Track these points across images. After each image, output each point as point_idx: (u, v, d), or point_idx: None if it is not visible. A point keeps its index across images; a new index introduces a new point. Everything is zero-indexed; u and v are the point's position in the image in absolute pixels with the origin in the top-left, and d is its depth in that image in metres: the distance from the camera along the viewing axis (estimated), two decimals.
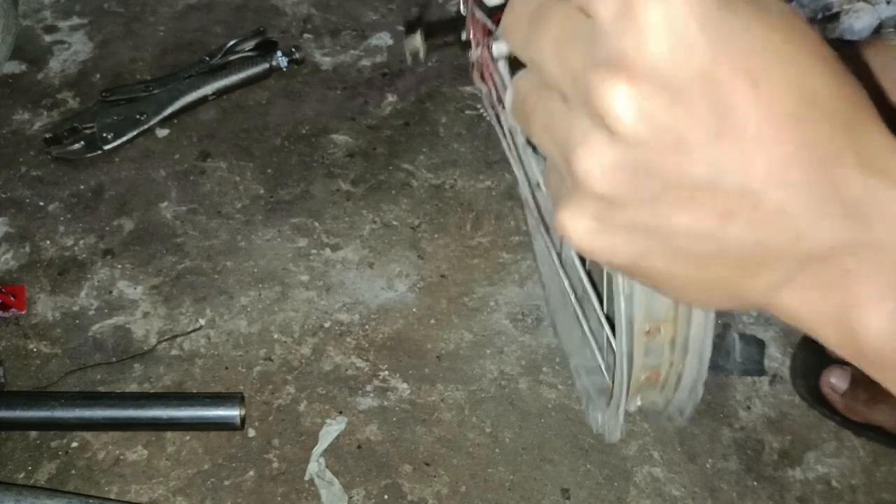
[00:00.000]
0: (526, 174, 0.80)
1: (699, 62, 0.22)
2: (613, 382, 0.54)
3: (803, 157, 0.23)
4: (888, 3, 1.15)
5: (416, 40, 0.76)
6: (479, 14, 0.70)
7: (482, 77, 0.77)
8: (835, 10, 1.16)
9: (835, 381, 0.79)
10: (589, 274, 0.61)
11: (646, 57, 0.22)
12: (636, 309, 0.43)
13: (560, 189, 0.26)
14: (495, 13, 0.71)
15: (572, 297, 0.69)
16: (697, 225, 0.24)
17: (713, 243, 0.25)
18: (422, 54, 0.77)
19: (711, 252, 0.25)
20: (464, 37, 0.75)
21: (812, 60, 0.23)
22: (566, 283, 0.68)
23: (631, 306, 0.43)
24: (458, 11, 0.74)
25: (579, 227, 0.26)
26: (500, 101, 0.78)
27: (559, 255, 0.72)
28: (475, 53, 0.74)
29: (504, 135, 0.78)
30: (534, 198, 0.78)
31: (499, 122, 0.80)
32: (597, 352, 0.66)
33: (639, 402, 0.54)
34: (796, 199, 0.23)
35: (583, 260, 0.63)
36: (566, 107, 0.25)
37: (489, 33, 0.72)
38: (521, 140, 0.81)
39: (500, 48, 0.57)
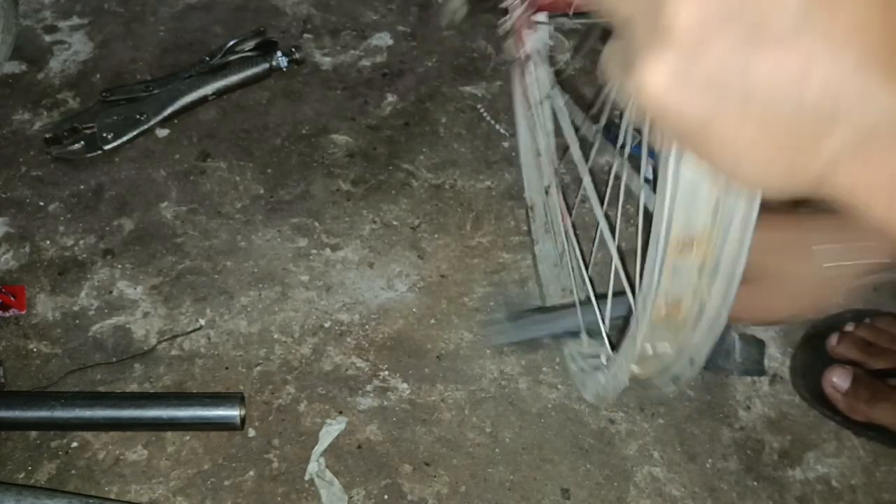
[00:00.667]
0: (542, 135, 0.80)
1: None
2: (631, 315, 0.53)
3: (881, 23, 0.24)
4: None
5: (457, 2, 0.76)
6: None
7: (518, 42, 0.77)
8: None
9: (837, 381, 0.79)
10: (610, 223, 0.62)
11: None
12: (674, 217, 0.41)
13: (634, 53, 0.26)
14: None
15: (581, 266, 0.68)
16: (776, 77, 0.25)
17: (787, 101, 0.25)
18: (460, 16, 0.77)
19: (785, 111, 0.25)
20: (505, 2, 0.75)
21: None
22: (574, 250, 0.67)
23: (670, 215, 0.41)
24: None
25: (659, 79, 0.26)
26: (532, 61, 0.79)
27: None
28: (513, 16, 0.74)
29: (531, 102, 0.78)
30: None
31: (523, 90, 0.80)
32: (600, 320, 0.66)
33: (649, 353, 0.53)
34: (868, 63, 0.24)
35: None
36: None
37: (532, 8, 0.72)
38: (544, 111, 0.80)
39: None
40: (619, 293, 0.63)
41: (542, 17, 0.77)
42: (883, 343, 0.82)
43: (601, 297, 0.69)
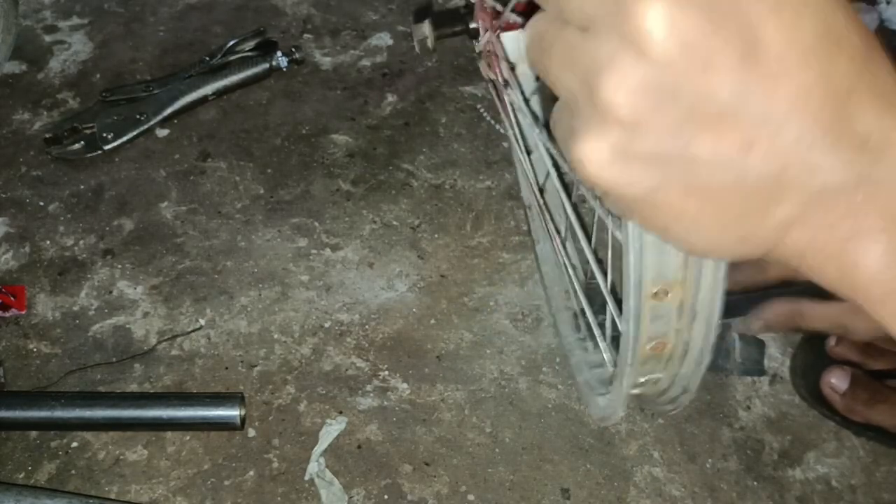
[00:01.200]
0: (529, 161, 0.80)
1: None
2: (618, 356, 0.54)
3: (822, 89, 0.24)
4: (888, 3, 1.16)
5: (425, 29, 0.76)
6: (492, 5, 0.70)
7: (489, 66, 0.77)
8: None
9: (835, 382, 0.79)
10: (595, 255, 0.61)
11: None
12: (645, 268, 0.41)
13: (576, 124, 0.26)
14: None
15: (575, 284, 0.68)
16: (718, 153, 0.25)
17: (732, 173, 0.25)
18: (430, 43, 0.76)
19: (729, 183, 0.25)
20: (472, 25, 0.75)
21: None
22: (568, 264, 0.67)
23: (640, 265, 0.41)
24: (467, 1, 0.75)
25: (598, 157, 0.26)
26: (508, 84, 0.79)
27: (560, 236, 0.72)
28: (482, 40, 0.74)
29: (510, 123, 0.78)
30: (540, 193, 0.78)
31: (506, 112, 0.79)
32: (599, 338, 0.66)
33: (641, 381, 0.53)
34: (814, 129, 0.24)
35: (588, 238, 0.63)
36: (586, 36, 0.25)
37: (497, 18, 0.72)
38: (531, 131, 0.80)
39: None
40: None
41: (511, 37, 0.76)
42: (882, 344, 0.82)
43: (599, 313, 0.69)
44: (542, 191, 0.76)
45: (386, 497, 0.78)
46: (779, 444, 0.82)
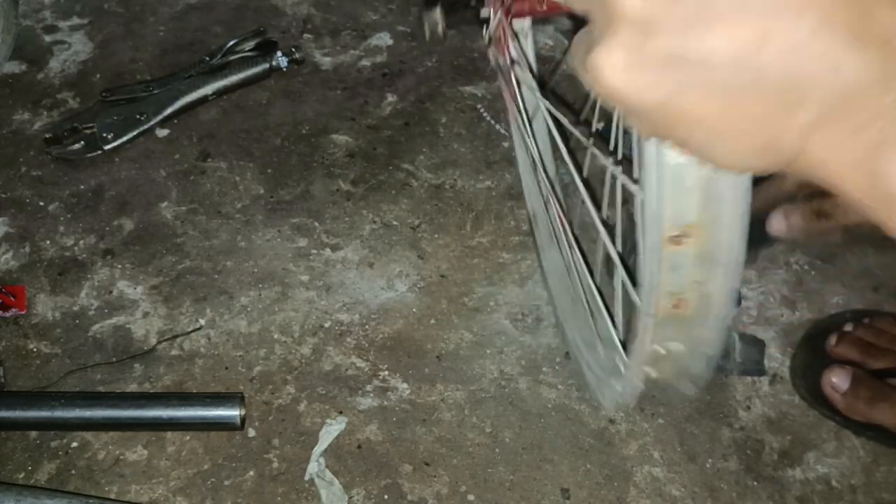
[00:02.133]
0: (536, 146, 0.80)
1: None
2: (635, 317, 0.52)
3: None
4: None
5: (436, 15, 0.75)
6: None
7: (499, 50, 0.77)
8: None
9: (836, 381, 0.79)
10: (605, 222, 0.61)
11: None
12: (663, 210, 0.39)
13: (592, 41, 0.26)
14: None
15: (587, 276, 0.67)
16: (733, 49, 0.24)
17: (748, 71, 0.24)
18: (441, 30, 0.76)
19: (747, 82, 0.24)
20: (482, 13, 0.75)
21: None
22: (577, 256, 0.66)
23: (658, 208, 0.39)
24: None
25: (614, 63, 0.25)
26: (515, 63, 0.78)
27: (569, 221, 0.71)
28: (493, 24, 0.74)
29: (518, 104, 0.78)
30: (546, 175, 0.78)
31: (512, 94, 0.79)
32: (611, 327, 0.65)
33: (661, 353, 0.52)
34: (831, 24, 0.23)
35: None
36: None
37: (509, 15, 0.72)
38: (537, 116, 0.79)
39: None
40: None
41: (523, 23, 0.76)
42: (882, 343, 0.82)
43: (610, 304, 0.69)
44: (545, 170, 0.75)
45: (386, 497, 0.78)
46: (779, 444, 0.82)
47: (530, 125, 0.78)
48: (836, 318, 0.87)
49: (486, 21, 0.75)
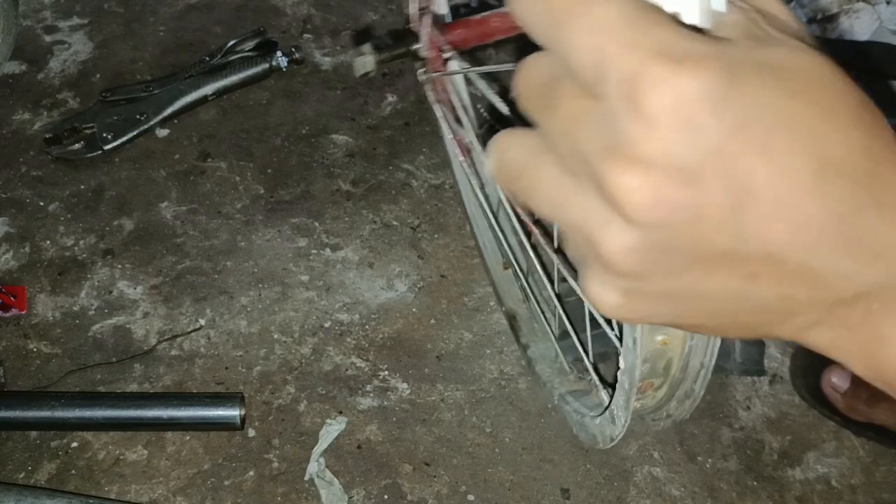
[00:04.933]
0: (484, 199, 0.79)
1: (710, 143, 0.22)
2: (618, 376, 0.54)
3: (823, 218, 0.23)
4: (888, 3, 1.15)
5: (367, 55, 0.74)
6: (434, 32, 0.68)
7: (437, 96, 0.76)
8: (834, 10, 1.16)
9: (836, 381, 0.79)
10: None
11: (655, 144, 0.22)
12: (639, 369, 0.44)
13: (584, 255, 0.26)
14: (450, 28, 0.70)
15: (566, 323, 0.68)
16: (725, 288, 0.25)
17: (742, 301, 0.25)
18: (372, 70, 0.74)
19: (743, 308, 0.26)
20: (414, 48, 0.73)
21: (831, 119, 0.23)
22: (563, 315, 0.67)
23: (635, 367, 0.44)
24: (408, 25, 0.73)
25: (612, 302, 0.26)
26: (458, 121, 0.77)
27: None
28: (429, 73, 0.73)
29: (456, 157, 0.77)
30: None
31: (454, 139, 0.79)
32: (585, 358, 0.66)
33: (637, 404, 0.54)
34: (819, 255, 0.24)
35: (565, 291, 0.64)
36: (577, 184, 0.25)
37: (443, 48, 0.71)
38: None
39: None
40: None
41: (455, 61, 0.72)
42: None
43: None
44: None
45: (386, 497, 0.78)
46: (779, 444, 0.82)
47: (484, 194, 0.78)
48: None
49: (419, 57, 0.73)
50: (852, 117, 0.24)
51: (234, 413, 0.79)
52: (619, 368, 0.52)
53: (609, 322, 0.56)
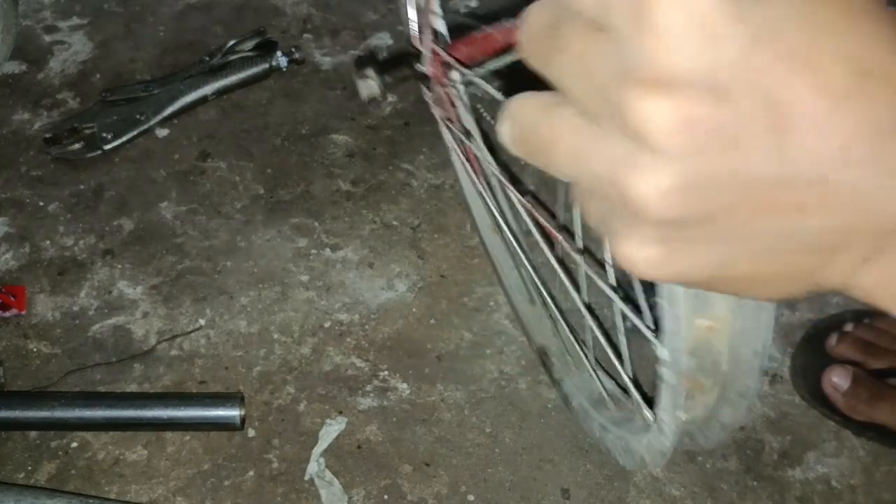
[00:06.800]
0: (499, 214, 0.77)
1: (734, 54, 0.20)
2: (660, 391, 0.49)
3: (864, 132, 0.22)
4: None
5: (371, 81, 0.72)
6: (438, 48, 0.67)
7: (444, 113, 0.75)
8: None
9: (837, 380, 0.79)
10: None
11: (674, 58, 0.20)
12: (690, 303, 0.39)
13: (611, 218, 0.24)
14: (453, 45, 0.69)
15: (601, 340, 0.63)
16: (776, 225, 0.23)
17: (794, 238, 0.23)
18: (379, 95, 0.73)
19: (794, 245, 0.24)
20: (420, 68, 0.72)
21: (864, 26, 0.22)
22: (593, 325, 0.63)
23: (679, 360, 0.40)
24: (411, 45, 0.72)
25: (650, 258, 0.24)
26: (467, 134, 0.76)
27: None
28: (435, 90, 0.72)
29: (468, 171, 0.76)
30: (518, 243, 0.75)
31: (464, 156, 0.78)
32: (626, 378, 0.62)
33: (684, 415, 0.50)
34: (864, 175, 0.22)
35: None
36: (598, 128, 0.23)
37: (447, 66, 0.70)
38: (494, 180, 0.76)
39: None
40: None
41: (458, 75, 0.71)
42: (883, 343, 0.82)
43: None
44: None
45: (386, 497, 0.78)
46: (779, 444, 0.82)
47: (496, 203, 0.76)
48: (836, 318, 0.87)
49: (425, 77, 0.72)
50: (877, 17, 0.22)
51: (233, 413, 0.79)
52: (658, 366, 0.47)
53: (640, 314, 0.53)
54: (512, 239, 0.79)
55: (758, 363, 0.46)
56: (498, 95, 0.59)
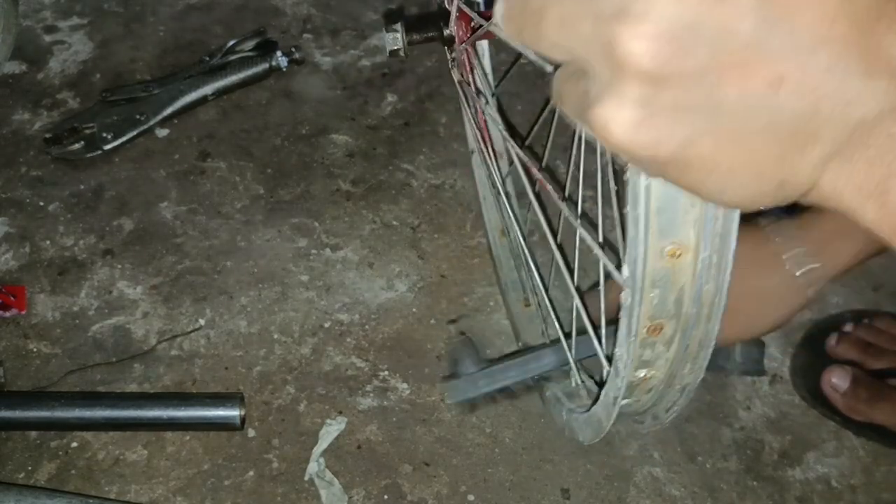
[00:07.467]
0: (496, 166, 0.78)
1: None
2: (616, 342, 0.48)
3: (846, 16, 0.22)
4: None
5: (397, 35, 0.74)
6: (465, 7, 0.68)
7: (462, 74, 0.76)
8: None
9: (836, 381, 0.79)
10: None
11: None
12: (655, 226, 0.38)
13: (591, 89, 0.25)
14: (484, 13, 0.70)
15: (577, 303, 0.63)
16: (747, 93, 0.23)
17: (764, 114, 0.24)
18: (402, 50, 0.75)
19: (762, 125, 0.24)
20: (446, 32, 0.73)
21: None
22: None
23: (648, 224, 0.37)
24: (441, 5, 0.73)
25: (623, 118, 0.24)
26: (481, 94, 0.77)
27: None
28: (457, 49, 0.73)
29: (478, 138, 0.76)
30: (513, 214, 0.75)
31: (474, 118, 0.78)
32: (596, 343, 0.62)
33: (638, 376, 0.49)
34: (842, 58, 0.23)
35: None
36: None
37: (472, 29, 0.71)
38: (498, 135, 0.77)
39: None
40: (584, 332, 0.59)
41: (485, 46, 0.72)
42: (882, 343, 0.82)
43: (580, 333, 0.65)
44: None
45: (386, 497, 0.78)
46: (779, 444, 0.82)
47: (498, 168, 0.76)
48: (836, 318, 0.87)
49: (451, 41, 0.73)
50: None
51: (233, 413, 0.79)
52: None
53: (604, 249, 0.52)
54: (511, 212, 0.79)
55: (721, 303, 0.45)
56: (529, 54, 0.59)
